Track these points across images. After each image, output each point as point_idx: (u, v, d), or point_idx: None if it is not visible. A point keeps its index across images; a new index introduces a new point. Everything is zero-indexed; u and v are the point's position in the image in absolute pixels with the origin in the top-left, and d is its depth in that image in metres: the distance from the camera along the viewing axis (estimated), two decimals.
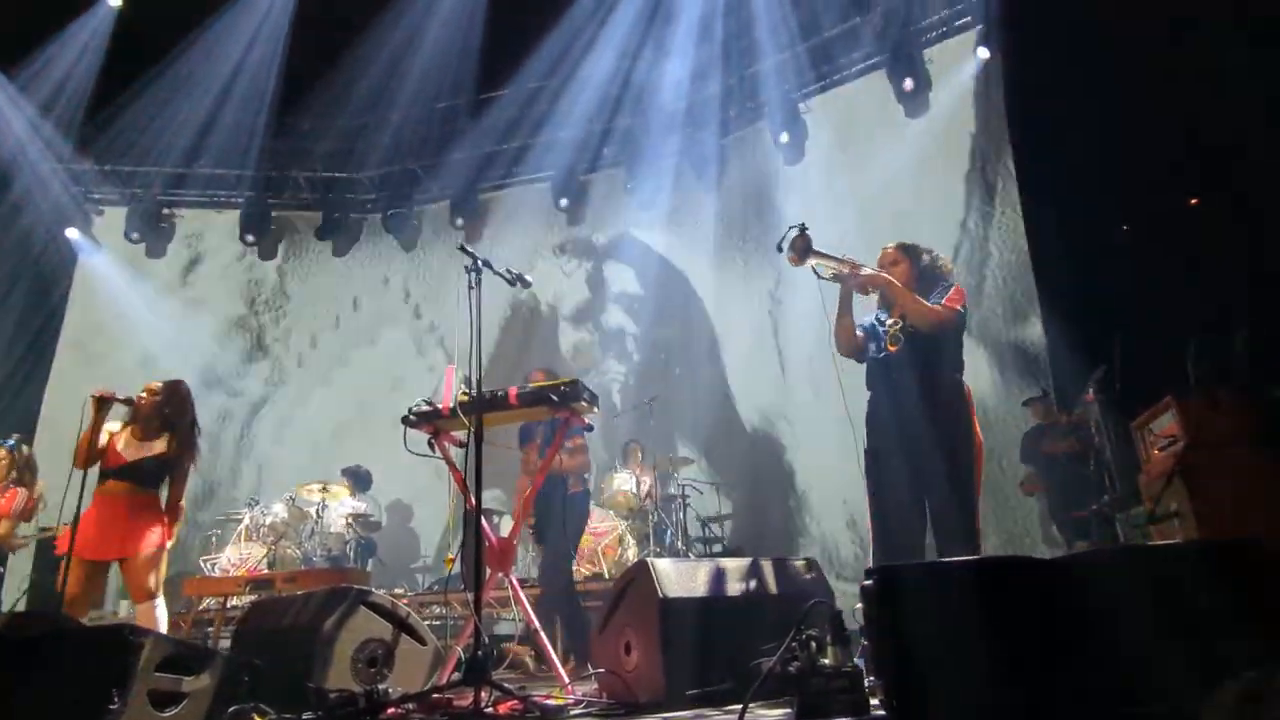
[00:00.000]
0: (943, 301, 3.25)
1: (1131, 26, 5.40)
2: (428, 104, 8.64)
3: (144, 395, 3.95)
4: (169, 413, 3.93)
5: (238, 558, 6.93)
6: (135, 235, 9.18)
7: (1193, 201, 5.52)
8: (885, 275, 3.36)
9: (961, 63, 7.24)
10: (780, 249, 3.26)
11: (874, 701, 1.78)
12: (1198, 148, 5.16)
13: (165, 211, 9.43)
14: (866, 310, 3.55)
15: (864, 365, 3.49)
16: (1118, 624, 1.69)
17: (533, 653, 4.50)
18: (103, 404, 3.76)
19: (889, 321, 3.35)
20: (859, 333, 3.43)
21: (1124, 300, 5.36)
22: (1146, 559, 1.90)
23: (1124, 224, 5.75)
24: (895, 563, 2.91)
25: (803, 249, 3.24)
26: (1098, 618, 1.70)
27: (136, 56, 7.79)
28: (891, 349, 3.29)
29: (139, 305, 9.08)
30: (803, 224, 3.26)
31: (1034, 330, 6.65)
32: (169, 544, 3.87)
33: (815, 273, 3.37)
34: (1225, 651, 1.62)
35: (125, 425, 3.96)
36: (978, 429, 3.25)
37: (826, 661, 1.82)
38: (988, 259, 6.98)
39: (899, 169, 7.47)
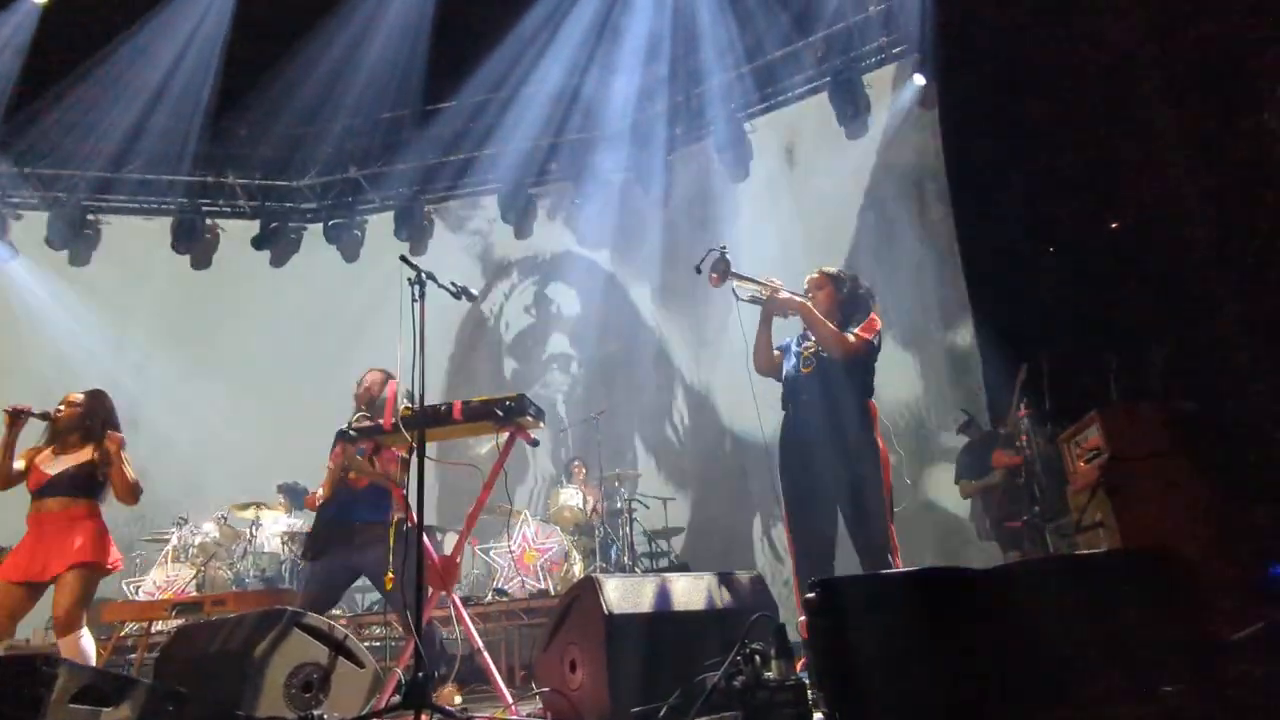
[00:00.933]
0: (856, 331, 3.37)
1: (1055, 58, 5.68)
2: (372, 113, 8.50)
3: (62, 408, 3.75)
4: (90, 424, 3.73)
5: (164, 580, 6.62)
6: (57, 242, 8.75)
7: (1114, 226, 5.81)
8: (801, 300, 3.46)
9: (900, 87, 7.50)
10: (698, 270, 3.33)
11: (817, 715, 1.80)
12: (1122, 173, 5.44)
13: (90, 218, 9.01)
14: (790, 331, 3.64)
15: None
16: (1047, 629, 1.75)
17: (459, 693, 4.36)
18: (16, 418, 3.56)
19: (804, 345, 3.47)
20: (776, 352, 3.55)
21: (1052, 318, 5.60)
22: (1070, 568, 1.98)
23: (1051, 245, 6.02)
24: (816, 573, 2.99)
25: (723, 270, 3.32)
26: (1028, 624, 1.76)
27: (62, 56, 7.46)
28: (805, 371, 3.40)
29: (61, 315, 8.65)
30: (723, 246, 3.34)
31: (967, 343, 6.88)
32: (110, 564, 3.62)
33: (734, 294, 3.46)
34: (1143, 651, 1.70)
35: (46, 444, 3.76)
36: (883, 446, 3.37)
37: (770, 675, 1.84)
38: (923, 275, 7.20)
39: (840, 188, 7.69)
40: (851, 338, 3.34)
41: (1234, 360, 4.70)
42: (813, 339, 3.44)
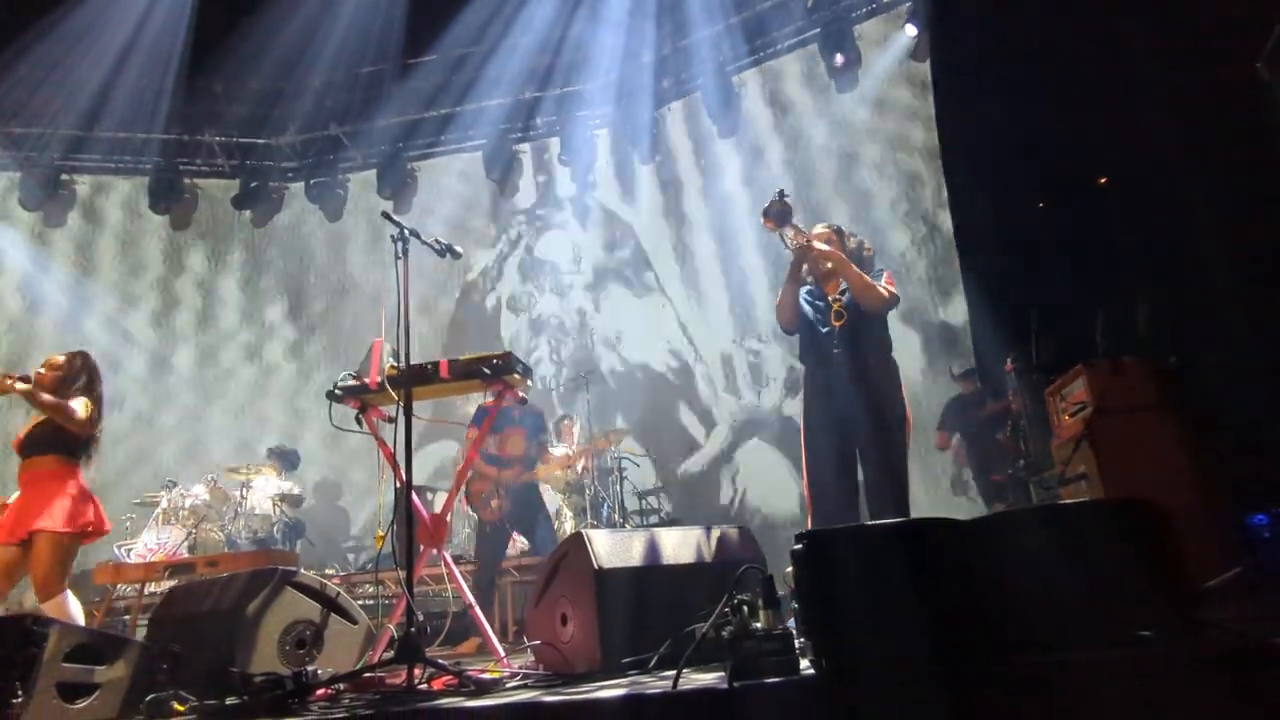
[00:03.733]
0: (882, 284, 3.39)
1: (1048, 10, 5.59)
2: (351, 67, 8.27)
3: (44, 370, 3.70)
4: (71, 386, 3.67)
5: (155, 542, 6.64)
6: (30, 202, 8.56)
7: (1102, 181, 5.79)
8: (838, 253, 3.43)
9: (891, 39, 7.36)
10: (765, 215, 3.31)
11: (804, 662, 1.83)
12: (1112, 128, 5.40)
13: (64, 177, 8.80)
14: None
15: (795, 337, 3.58)
16: (1029, 578, 1.78)
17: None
18: None
19: (831, 297, 3.44)
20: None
21: (1042, 272, 5.61)
22: (1052, 518, 2.00)
23: (1041, 201, 5.99)
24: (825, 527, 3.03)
25: (779, 215, 3.30)
26: (1011, 573, 1.79)
27: (26, 8, 7.19)
28: (835, 324, 3.38)
29: (37, 277, 8.50)
30: (783, 191, 3.31)
31: (958, 305, 6.89)
32: (81, 527, 3.48)
33: (782, 240, 3.42)
34: (1122, 599, 1.73)
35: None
36: (908, 404, 3.40)
37: (758, 625, 1.86)
38: (914, 233, 7.18)
39: (829, 142, 7.60)
40: (884, 290, 3.35)
41: (1218, 316, 4.74)
42: (838, 292, 3.42)
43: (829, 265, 3.45)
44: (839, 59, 7.30)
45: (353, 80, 8.49)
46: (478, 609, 3.32)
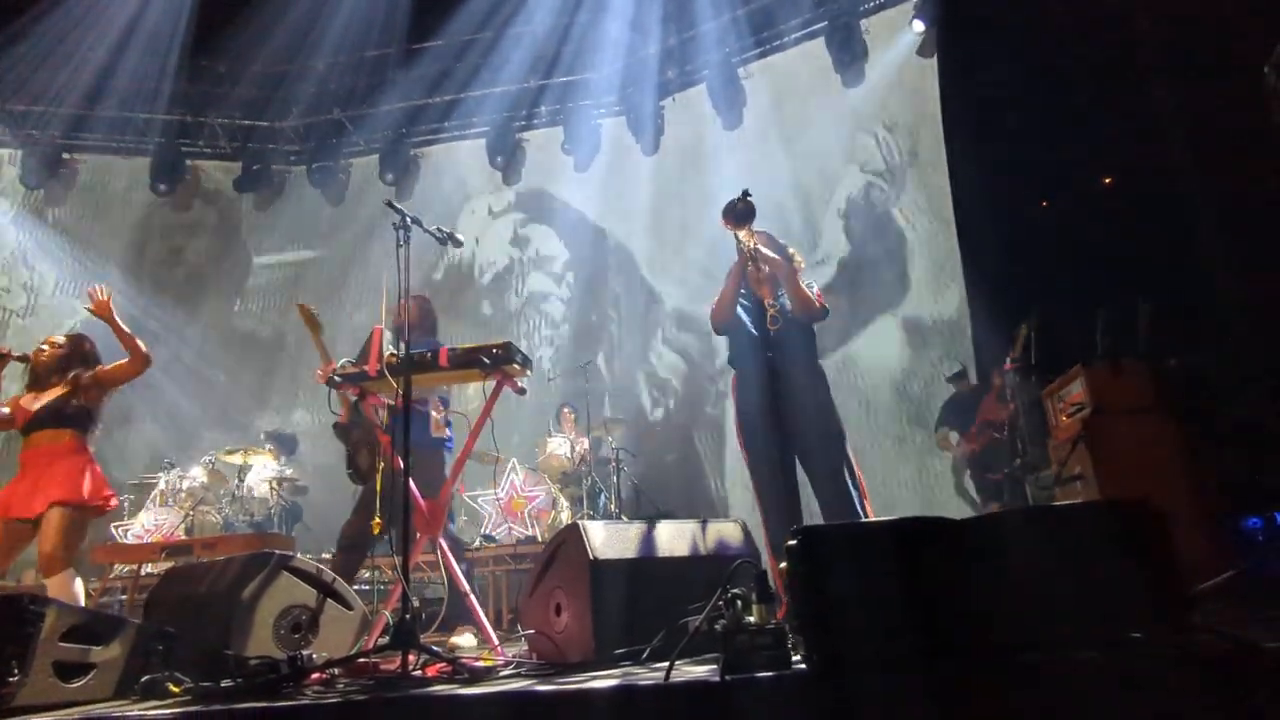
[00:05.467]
0: (816, 294, 3.51)
1: (1057, 8, 5.56)
2: (355, 51, 8.24)
3: (44, 348, 3.71)
4: (70, 366, 3.68)
5: (152, 524, 6.65)
6: (32, 181, 8.54)
7: (1107, 181, 5.78)
8: (782, 260, 3.51)
9: (898, 34, 7.33)
10: (733, 211, 3.30)
11: (796, 657, 1.84)
12: (1117, 131, 5.39)
13: (66, 157, 8.77)
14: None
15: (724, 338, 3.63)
16: (1023, 577, 1.79)
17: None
18: None
19: (767, 302, 3.49)
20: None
21: (1043, 272, 5.60)
22: (1047, 519, 2.01)
23: (1043, 199, 5.98)
24: (786, 528, 3.04)
25: (741, 215, 3.29)
26: (1005, 572, 1.80)
27: None
28: (772, 329, 3.44)
29: (38, 256, 8.48)
30: (745, 191, 3.30)
31: (956, 301, 6.88)
32: (98, 502, 3.55)
33: (736, 239, 3.43)
34: (1115, 599, 1.74)
35: (27, 389, 3.71)
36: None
37: (751, 619, 1.87)
38: (915, 228, 7.16)
39: (834, 137, 7.57)
40: (817, 303, 3.48)
41: (1218, 319, 4.74)
42: (773, 297, 3.48)
43: (767, 270, 3.47)
44: (846, 55, 7.26)
45: (357, 64, 8.46)
46: (472, 597, 3.33)
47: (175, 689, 2.35)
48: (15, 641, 2.17)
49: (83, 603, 3.56)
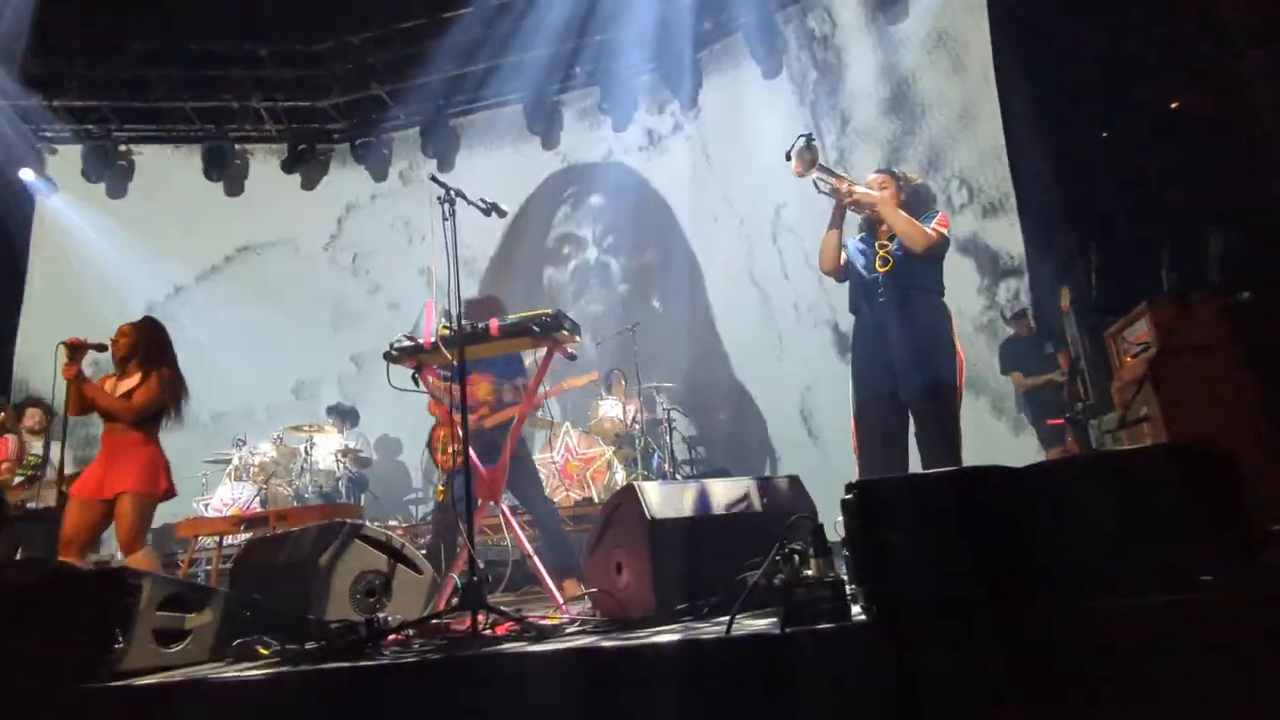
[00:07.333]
0: (933, 225, 3.30)
1: None
2: (387, 24, 8.25)
3: (117, 338, 3.90)
4: (142, 352, 3.88)
5: (230, 498, 7.01)
6: (92, 174, 8.86)
7: (1174, 105, 5.45)
8: (879, 195, 3.38)
9: None
10: (788, 158, 3.24)
11: (855, 608, 1.86)
12: (1183, 51, 5.07)
13: (122, 149, 9.07)
14: (847, 233, 3.56)
15: (844, 285, 3.54)
16: (1086, 524, 1.76)
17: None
18: (75, 351, 3.72)
19: (878, 243, 3.38)
20: (843, 253, 3.47)
21: (1103, 206, 5.36)
22: (1109, 464, 1.97)
23: (1104, 129, 5.69)
24: (881, 474, 3.04)
25: (809, 160, 3.23)
26: (1069, 520, 1.78)
27: None
28: (880, 270, 3.32)
29: (105, 248, 8.84)
30: (809, 134, 3.24)
31: (1012, 235, 6.64)
32: (158, 492, 3.74)
33: (815, 185, 3.37)
34: (1183, 543, 1.71)
35: (115, 373, 3.93)
36: (959, 346, 3.35)
37: (809, 573, 1.89)
38: (966, 165, 6.90)
39: (878, 78, 7.30)
40: (931, 231, 3.28)
41: None
42: (887, 238, 3.37)
43: (871, 210, 3.38)
44: None
45: (390, 36, 8.46)
46: (536, 558, 3.44)
47: (264, 651, 2.51)
48: (117, 612, 2.33)
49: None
